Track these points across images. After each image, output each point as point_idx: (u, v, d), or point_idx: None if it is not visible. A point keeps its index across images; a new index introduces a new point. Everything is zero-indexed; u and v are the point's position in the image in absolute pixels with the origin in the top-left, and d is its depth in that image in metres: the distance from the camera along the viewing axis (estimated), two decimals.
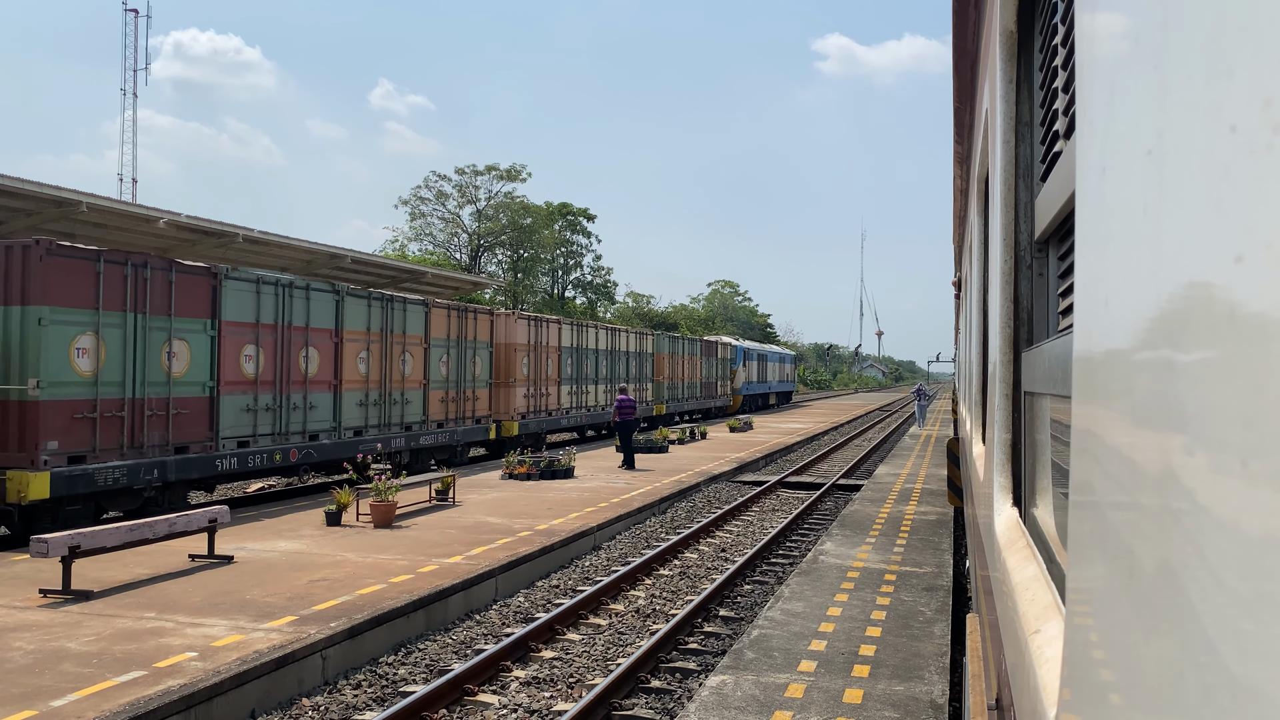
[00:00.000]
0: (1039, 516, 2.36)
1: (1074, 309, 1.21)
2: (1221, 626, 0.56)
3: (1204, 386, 0.61)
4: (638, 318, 70.69)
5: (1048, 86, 2.15)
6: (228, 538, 11.92)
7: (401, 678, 8.14)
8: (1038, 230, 2.37)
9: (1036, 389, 2.27)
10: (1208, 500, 0.59)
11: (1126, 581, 0.81)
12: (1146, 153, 0.76)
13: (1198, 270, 0.63)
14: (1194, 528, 0.62)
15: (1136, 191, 0.81)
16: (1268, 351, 0.51)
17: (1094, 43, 1.03)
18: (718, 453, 26.02)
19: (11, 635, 7.85)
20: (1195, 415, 0.63)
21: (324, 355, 17.55)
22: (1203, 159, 0.62)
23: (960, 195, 9.17)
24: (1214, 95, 0.60)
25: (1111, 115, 0.92)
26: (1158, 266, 0.73)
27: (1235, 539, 0.54)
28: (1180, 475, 0.65)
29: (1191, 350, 0.64)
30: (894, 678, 7.20)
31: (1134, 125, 0.81)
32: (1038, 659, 1.52)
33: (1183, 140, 0.67)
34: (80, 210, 17.76)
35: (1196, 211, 0.63)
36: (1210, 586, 0.58)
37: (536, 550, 11.96)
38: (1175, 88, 0.68)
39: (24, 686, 6.63)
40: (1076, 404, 1.12)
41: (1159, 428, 0.71)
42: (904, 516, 15.27)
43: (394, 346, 19.95)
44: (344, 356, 18.12)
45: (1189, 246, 0.65)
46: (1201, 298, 0.62)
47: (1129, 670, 0.79)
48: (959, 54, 5.11)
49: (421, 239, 60.74)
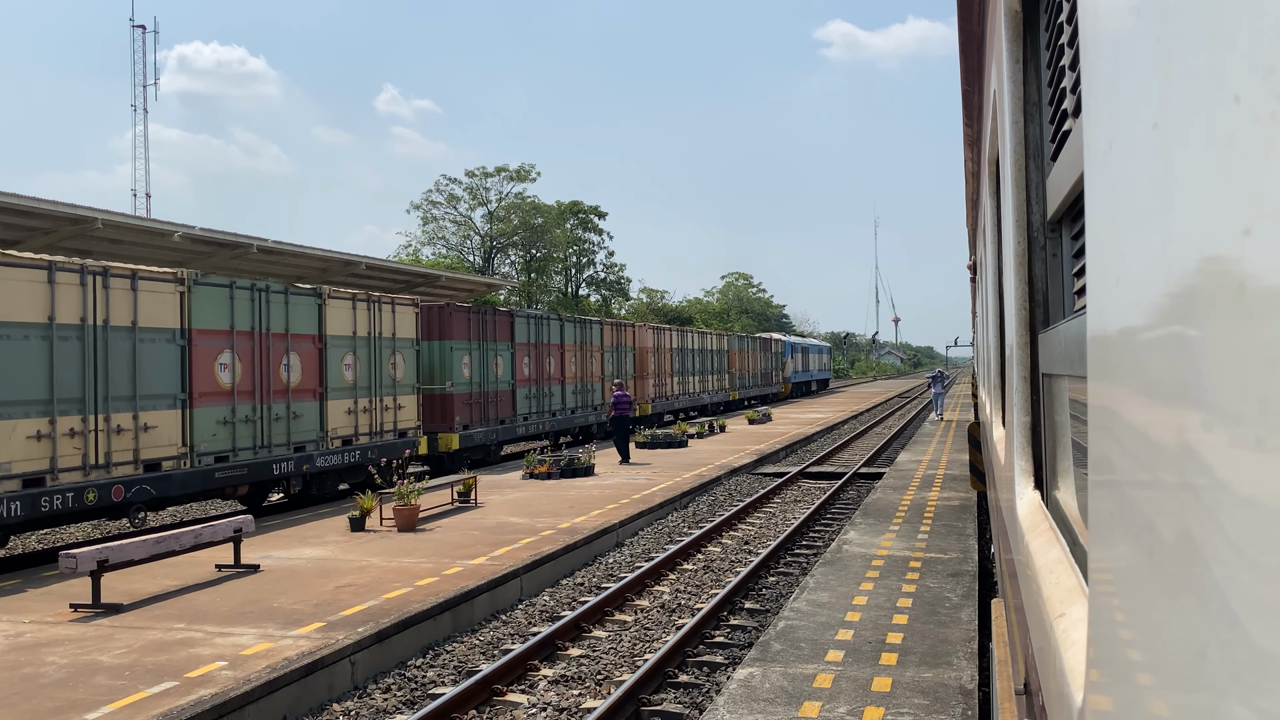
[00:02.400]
0: (1061, 499, 2.34)
1: (1087, 288, 1.20)
2: (1246, 601, 0.55)
3: (1216, 361, 0.61)
4: (651, 313, 70.68)
5: (1054, 65, 2.13)
6: (253, 547, 12.00)
7: (430, 680, 8.18)
8: (1050, 210, 2.35)
9: (1054, 370, 2.25)
10: (1226, 475, 0.59)
11: (1148, 560, 0.80)
12: (1152, 126, 0.76)
13: (1206, 244, 0.62)
14: (1214, 503, 0.61)
15: (1144, 166, 0.80)
16: (1278, 324, 0.50)
17: (1097, 17, 1.02)
18: (737, 445, 26.00)
19: (45, 650, 7.94)
20: (1209, 391, 0.62)
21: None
22: (1208, 130, 0.61)
23: (972, 178, 9.13)
24: (1217, 65, 0.59)
25: (1116, 90, 0.91)
26: (1166, 242, 0.72)
27: (1256, 513, 0.54)
28: (1198, 451, 0.64)
29: (1203, 325, 0.63)
30: (922, 665, 7.18)
31: (1139, 99, 0.81)
32: (1063, 642, 1.51)
33: (1187, 112, 0.66)
34: (96, 227, 17.93)
35: (1203, 184, 0.63)
36: (1233, 561, 0.57)
37: (560, 549, 11.99)
38: (1178, 58, 0.68)
39: (58, 700, 6.71)
40: (1092, 383, 1.11)
41: (1174, 405, 0.71)
42: (927, 503, 15.21)
43: (588, 354, 28.62)
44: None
45: (1196, 220, 0.64)
46: (1210, 272, 0.61)
47: (1155, 650, 0.78)
48: (965, 36, 5.08)
49: (435, 242, 60.96)
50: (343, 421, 17.36)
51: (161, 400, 13.44)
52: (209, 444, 14.21)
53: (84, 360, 12.27)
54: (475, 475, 16.55)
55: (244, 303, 15.16)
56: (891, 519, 13.75)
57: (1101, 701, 1.05)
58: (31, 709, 6.54)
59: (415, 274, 29.83)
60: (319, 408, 16.73)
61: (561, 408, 26.45)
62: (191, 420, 13.89)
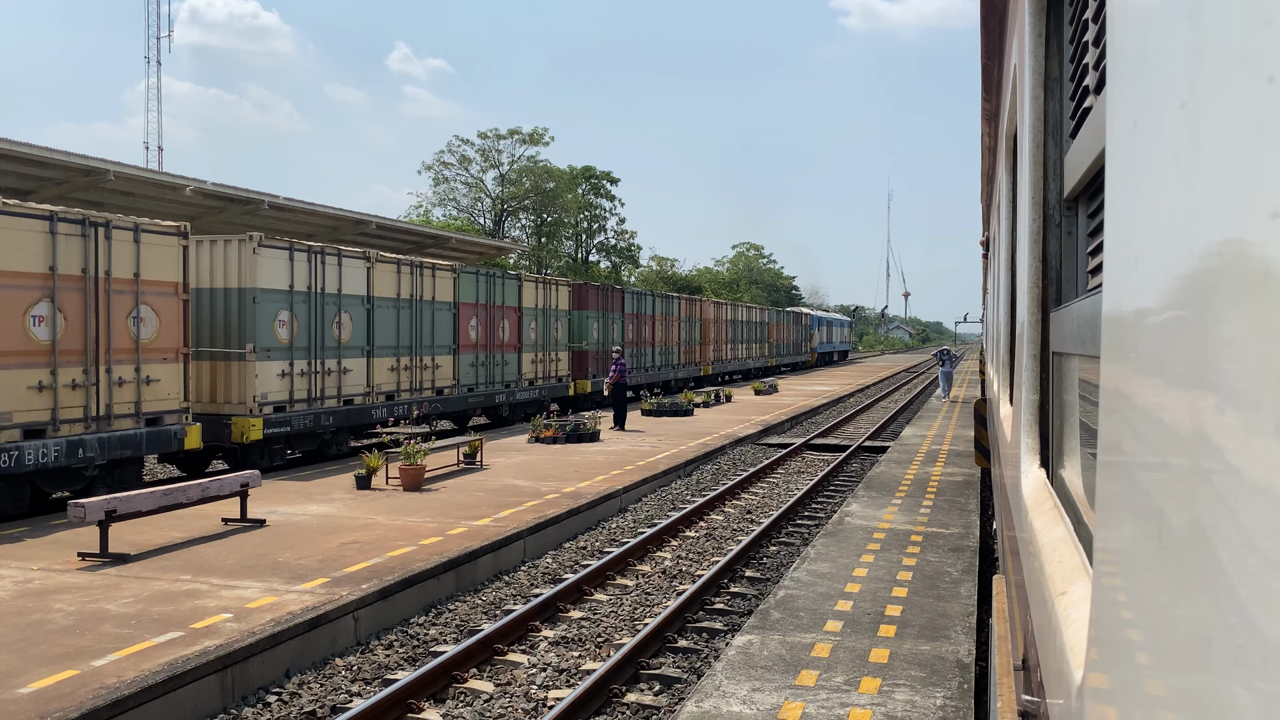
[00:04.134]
0: (1066, 478, 2.34)
1: (1103, 268, 1.19)
2: (1253, 589, 0.55)
3: (1235, 348, 0.60)
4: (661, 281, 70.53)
5: (1078, 40, 2.11)
6: (259, 501, 12.10)
7: (432, 638, 8.27)
8: (1067, 188, 2.34)
9: (1065, 349, 2.25)
10: (1239, 462, 0.59)
11: (1156, 543, 0.80)
12: (1180, 106, 0.75)
13: (1232, 227, 0.62)
14: (1225, 490, 0.61)
15: (1169, 146, 0.79)
16: None
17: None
18: (743, 415, 26.04)
19: (52, 597, 8.04)
20: (1227, 377, 0.62)
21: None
22: (1238, 112, 0.60)
23: (988, 153, 9.04)
24: (1252, 45, 0.58)
25: (1143, 68, 0.90)
26: (1189, 224, 0.71)
27: (1268, 500, 0.54)
28: (1212, 437, 0.64)
29: (1224, 310, 0.62)
30: (920, 638, 7.23)
31: (1167, 78, 0.80)
32: (1064, 620, 1.52)
33: (1217, 93, 0.65)
34: (108, 179, 17.94)
35: (1231, 167, 0.62)
36: (1242, 549, 0.57)
37: (563, 513, 12.06)
38: (1210, 38, 0.67)
39: (65, 647, 6.80)
40: (1105, 364, 1.11)
41: (1189, 390, 0.70)
42: (930, 478, 15.24)
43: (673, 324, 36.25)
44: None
45: (1223, 203, 0.63)
46: (1235, 255, 0.61)
47: (1156, 632, 0.79)
48: (987, 9, 5.02)
49: (445, 204, 60.76)
50: (529, 369, 24.66)
51: (443, 349, 20.57)
52: (465, 379, 21.56)
53: (399, 323, 18.98)
54: (481, 438, 16.62)
55: (482, 283, 22.38)
56: (894, 492, 13.78)
57: (1100, 679, 1.06)
58: (39, 654, 6.64)
59: (425, 235, 29.77)
60: (517, 358, 23.97)
61: (652, 365, 34.01)
62: (457, 363, 21.06)
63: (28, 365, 11.48)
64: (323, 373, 16.78)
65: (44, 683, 6.12)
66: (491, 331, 22.46)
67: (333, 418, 16.93)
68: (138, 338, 13.00)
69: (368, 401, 17.94)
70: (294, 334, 16.12)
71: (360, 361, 17.75)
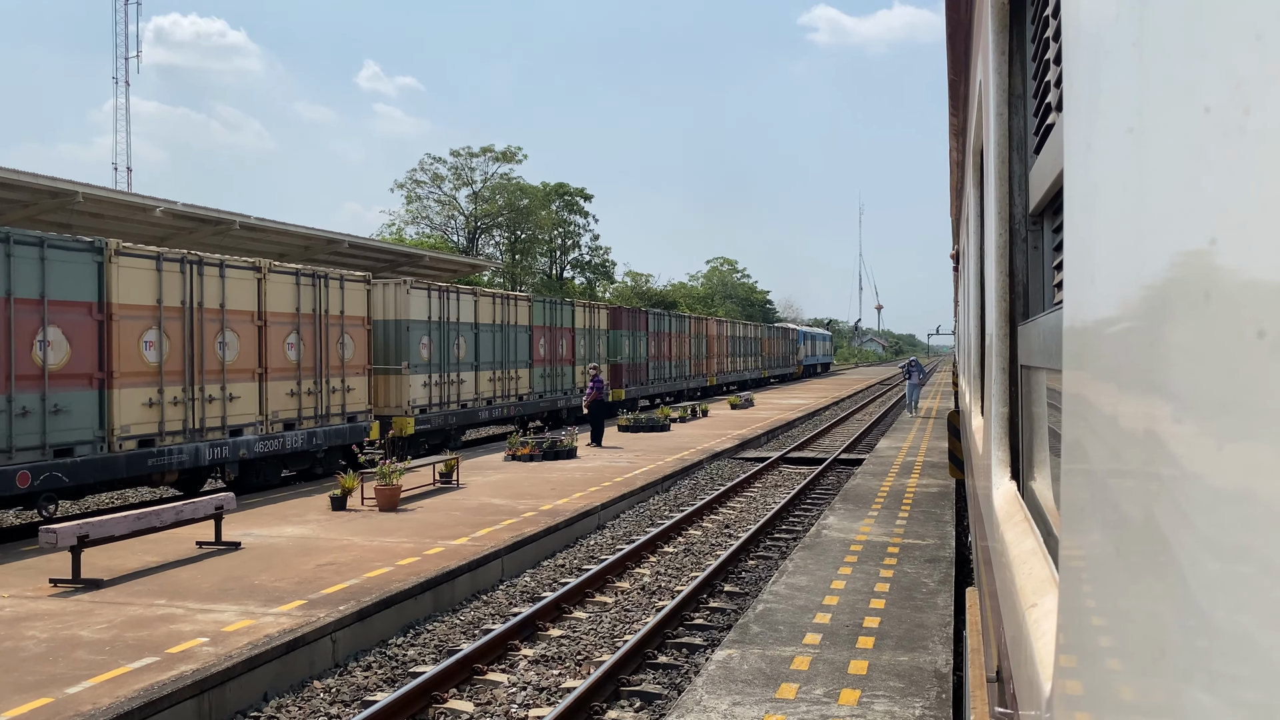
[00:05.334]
0: (1037, 490, 2.35)
1: (1064, 283, 1.21)
2: (1209, 589, 0.57)
3: (1183, 363, 0.62)
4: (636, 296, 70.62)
5: (1040, 58, 2.13)
6: (234, 524, 12.00)
7: (411, 658, 8.23)
8: (1032, 203, 2.35)
9: (1033, 362, 2.27)
10: (1192, 467, 0.60)
11: (1116, 549, 0.82)
12: (1128, 130, 0.77)
13: (1175, 249, 0.63)
14: (1179, 494, 0.63)
15: (1119, 169, 0.81)
16: (1240, 330, 0.52)
17: (1079, 16, 1.02)
18: (719, 430, 26.11)
19: (24, 624, 7.93)
20: (1176, 389, 0.64)
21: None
22: (1179, 139, 0.62)
23: (956, 168, 9.10)
24: (1190, 75, 0.60)
25: (1096, 91, 0.92)
26: (1139, 244, 0.73)
27: (1217, 501, 0.56)
28: (1167, 444, 0.66)
29: (1172, 326, 0.64)
30: (898, 649, 7.28)
31: (1116, 102, 0.82)
32: (1035, 632, 1.53)
33: (1161, 119, 0.67)
34: (77, 200, 17.76)
35: (1173, 191, 0.64)
36: (1196, 551, 0.59)
37: (541, 530, 12.05)
38: (1153, 66, 0.69)
39: (39, 674, 6.72)
40: (1067, 376, 1.13)
41: (1143, 402, 0.72)
42: (906, 490, 15.35)
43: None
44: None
45: (1167, 226, 0.65)
46: (1179, 278, 0.63)
47: (1120, 636, 0.80)
48: (953, 26, 5.06)
49: (418, 222, 60.61)
50: (580, 379, 29.05)
51: (522, 364, 25.56)
52: (537, 387, 26.54)
53: (494, 343, 24.10)
54: (457, 456, 16.57)
55: (547, 309, 27.60)
56: (870, 505, 13.87)
57: (1068, 689, 1.07)
58: (12, 682, 6.55)
59: (399, 253, 29.68)
60: (572, 370, 28.83)
61: (670, 375, 39.18)
62: (531, 374, 26.08)
63: (284, 378, 16.37)
64: (447, 383, 21.78)
65: (17, 711, 6.05)
66: (554, 348, 27.79)
67: (455, 418, 22.00)
68: (343, 358, 17.91)
69: (476, 406, 23.14)
70: (430, 354, 21.12)
71: (471, 374, 22.87)
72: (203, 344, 14.48)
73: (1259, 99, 0.50)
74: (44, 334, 11.84)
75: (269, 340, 15.98)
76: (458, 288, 22.65)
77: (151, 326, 13.59)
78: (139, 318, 13.41)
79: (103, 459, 12.57)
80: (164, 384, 13.77)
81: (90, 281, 12.67)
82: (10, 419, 11.32)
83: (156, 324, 13.67)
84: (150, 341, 13.61)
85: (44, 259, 11.92)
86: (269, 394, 15.95)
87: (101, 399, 12.69)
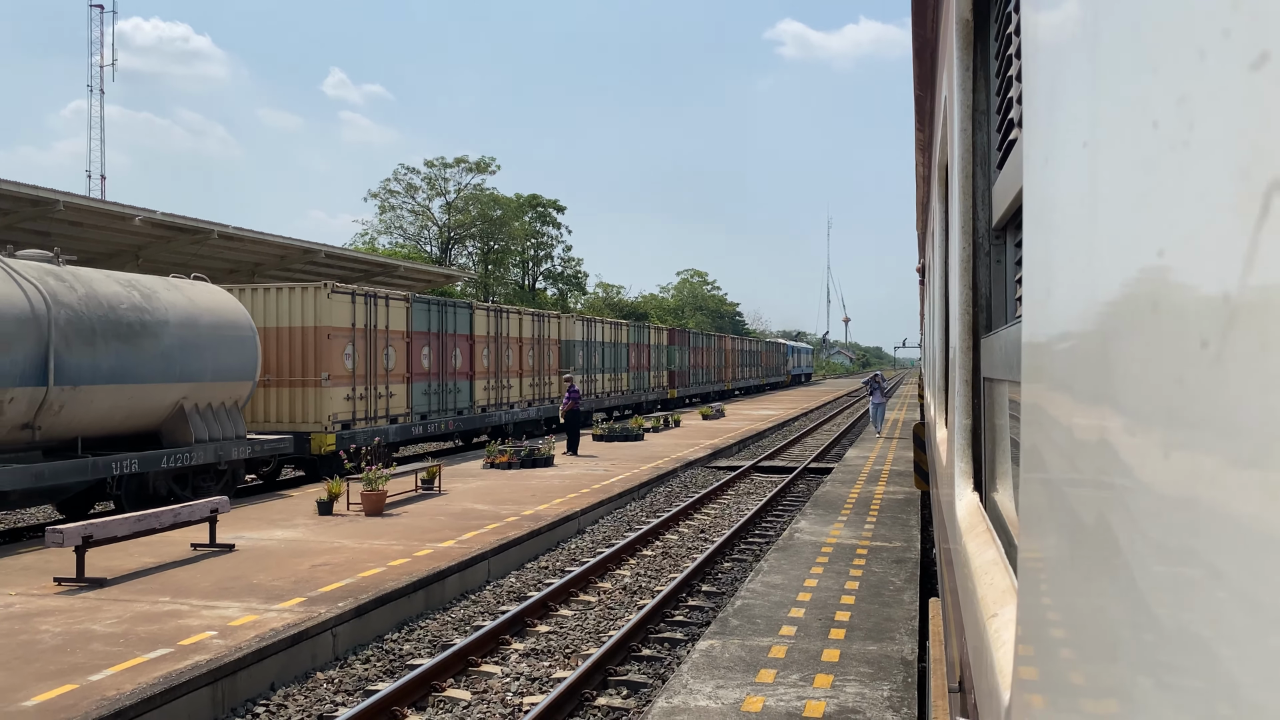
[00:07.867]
0: (999, 501, 2.35)
1: (1023, 297, 1.26)
2: (1160, 594, 0.56)
3: (1134, 376, 0.62)
4: (608, 308, 71.17)
5: (1003, 75, 2.15)
6: (224, 527, 12.33)
7: (407, 652, 8.66)
8: (995, 217, 2.36)
9: (995, 375, 2.29)
10: (1142, 476, 0.60)
11: (1071, 558, 0.82)
12: (1082, 145, 0.77)
13: (1126, 263, 0.64)
14: (1133, 503, 0.62)
15: (1074, 184, 0.81)
16: (1185, 341, 0.52)
17: (1036, 33, 1.04)
18: (692, 439, 26.65)
19: (37, 619, 8.28)
20: (1127, 402, 0.64)
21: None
22: (1130, 154, 0.62)
23: (923, 182, 8.87)
24: (1139, 91, 0.60)
25: (1053, 107, 0.92)
26: (1092, 258, 0.73)
27: (1164, 506, 0.56)
28: (1119, 453, 0.66)
29: (1122, 340, 0.65)
30: (868, 639, 7.83)
31: (1072, 117, 0.82)
32: (995, 641, 1.53)
33: (1113, 134, 0.67)
34: (57, 209, 17.96)
35: (1124, 206, 0.64)
36: (1147, 555, 0.59)
37: (525, 534, 12.49)
38: (1106, 82, 0.69)
39: (60, 664, 7.09)
40: (1025, 389, 1.13)
41: (1097, 412, 0.72)
42: (873, 496, 15.97)
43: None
44: None
45: (1118, 240, 0.66)
46: (1129, 291, 0.63)
47: (1075, 642, 0.80)
48: (919, 42, 5.09)
49: (392, 232, 60.90)
50: (652, 380, 40.82)
51: (621, 369, 37.01)
52: (631, 386, 38.20)
53: (605, 355, 35.18)
54: (439, 464, 16.97)
55: (635, 330, 39.17)
56: (840, 510, 14.46)
57: (1025, 699, 1.08)
58: (34, 671, 6.92)
59: (373, 263, 30.00)
60: (648, 374, 40.57)
61: (701, 381, 50.21)
62: (629, 376, 37.64)
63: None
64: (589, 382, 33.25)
65: (45, 696, 6.42)
66: (640, 358, 39.65)
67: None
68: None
69: (608, 401, 35.34)
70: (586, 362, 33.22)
71: (599, 375, 34.41)
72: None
73: (1202, 114, 0.50)
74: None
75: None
76: (558, 314, 31.94)
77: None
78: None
79: (468, 418, 24.53)
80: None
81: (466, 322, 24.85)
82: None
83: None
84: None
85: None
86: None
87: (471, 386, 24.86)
